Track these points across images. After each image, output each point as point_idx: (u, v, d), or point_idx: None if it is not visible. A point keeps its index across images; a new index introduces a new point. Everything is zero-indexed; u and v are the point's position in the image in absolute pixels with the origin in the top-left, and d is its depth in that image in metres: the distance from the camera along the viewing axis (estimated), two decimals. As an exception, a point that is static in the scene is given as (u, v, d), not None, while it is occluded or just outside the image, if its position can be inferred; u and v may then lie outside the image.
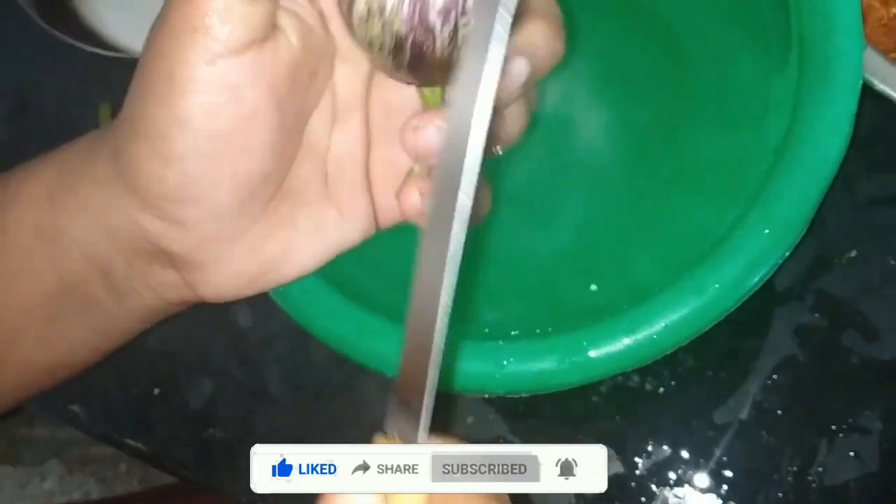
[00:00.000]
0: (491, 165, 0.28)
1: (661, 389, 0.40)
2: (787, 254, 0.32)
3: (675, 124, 0.40)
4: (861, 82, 0.32)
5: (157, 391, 0.46)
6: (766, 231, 0.31)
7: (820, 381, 0.39)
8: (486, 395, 0.41)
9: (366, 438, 0.36)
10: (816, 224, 0.40)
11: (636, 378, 0.40)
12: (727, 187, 0.37)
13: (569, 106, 0.43)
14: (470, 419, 0.42)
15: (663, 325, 0.31)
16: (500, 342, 0.34)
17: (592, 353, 0.32)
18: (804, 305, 0.40)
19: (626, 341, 0.32)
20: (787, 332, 0.39)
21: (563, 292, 0.39)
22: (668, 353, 0.32)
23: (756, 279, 0.31)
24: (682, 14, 0.40)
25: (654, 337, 0.32)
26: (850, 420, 0.38)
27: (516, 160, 0.42)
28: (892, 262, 0.39)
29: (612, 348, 0.32)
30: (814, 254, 0.40)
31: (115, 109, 0.50)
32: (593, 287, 0.38)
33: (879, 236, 0.40)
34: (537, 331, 0.34)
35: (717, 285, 0.31)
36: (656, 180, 0.40)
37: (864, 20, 0.37)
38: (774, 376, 0.39)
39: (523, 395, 0.37)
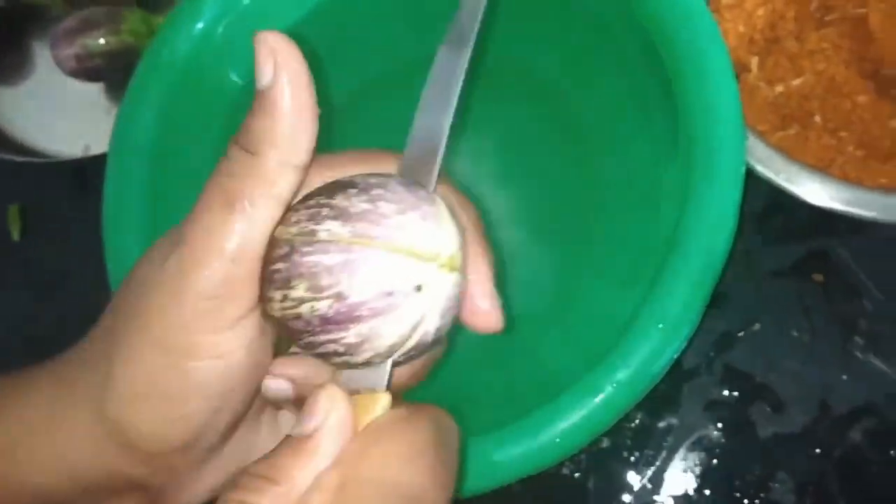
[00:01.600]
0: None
1: (577, 474, 0.40)
2: (684, 346, 0.32)
3: (580, 209, 0.41)
4: (743, 173, 0.32)
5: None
6: (660, 326, 0.32)
7: (732, 457, 0.39)
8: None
9: None
10: (719, 299, 0.41)
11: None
12: (630, 272, 0.38)
13: (476, 191, 0.43)
14: None
15: (564, 427, 0.32)
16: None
17: (497, 458, 0.32)
18: (713, 381, 0.40)
19: (530, 445, 0.32)
20: (698, 409, 0.40)
21: (477, 386, 0.39)
22: (573, 453, 0.32)
23: (652, 376, 0.32)
24: (584, 101, 0.41)
25: (557, 440, 0.32)
26: (763, 495, 0.39)
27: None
28: (795, 334, 0.40)
29: (515, 452, 0.32)
30: (719, 329, 0.41)
31: (24, 211, 0.50)
32: (507, 379, 0.38)
33: (780, 308, 0.40)
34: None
35: (614, 385, 0.31)
36: (562, 264, 0.40)
37: (751, 101, 0.38)
38: (688, 454, 0.40)
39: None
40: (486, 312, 0.24)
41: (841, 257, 0.40)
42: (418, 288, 0.20)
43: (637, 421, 0.40)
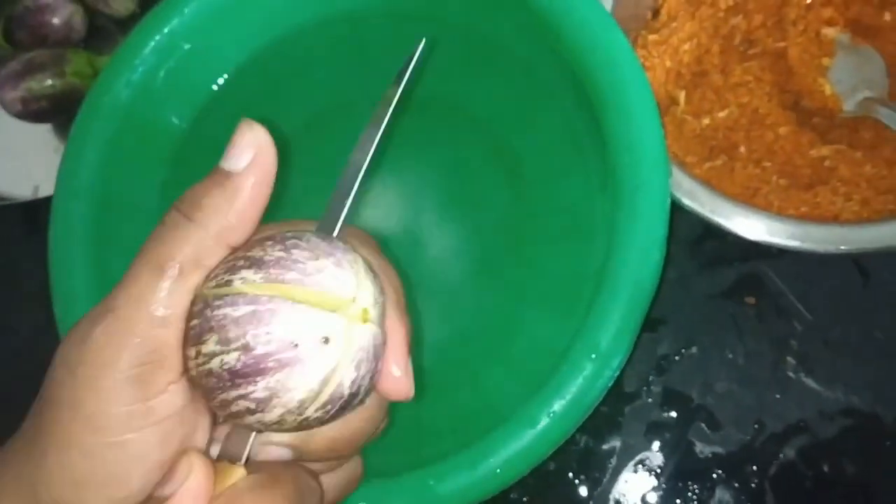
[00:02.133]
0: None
1: (526, 498, 0.41)
2: (616, 375, 0.33)
3: (518, 238, 0.42)
4: (668, 209, 0.34)
5: None
6: (592, 356, 0.33)
7: (674, 476, 0.41)
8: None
9: None
10: (656, 323, 0.42)
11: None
12: (566, 301, 0.39)
13: (418, 224, 0.44)
14: None
15: (503, 458, 0.33)
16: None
17: (440, 491, 0.33)
18: (653, 403, 0.41)
19: (471, 477, 0.33)
20: (640, 431, 0.41)
21: (423, 417, 0.40)
22: (515, 482, 0.33)
23: (587, 405, 0.33)
24: (521, 135, 0.42)
25: (498, 471, 0.33)
26: (703, 513, 0.40)
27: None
28: (730, 356, 0.41)
29: (456, 484, 0.33)
30: (658, 353, 0.42)
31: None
32: (452, 410, 0.39)
33: (715, 331, 0.42)
34: (391, 467, 0.35)
35: (551, 416, 0.33)
36: (504, 295, 0.41)
37: (679, 133, 0.40)
38: (631, 475, 0.41)
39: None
40: (396, 380, 0.23)
41: (771, 280, 0.42)
42: (325, 340, 0.20)
43: (582, 443, 0.41)
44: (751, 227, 0.35)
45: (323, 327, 0.20)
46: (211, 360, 0.21)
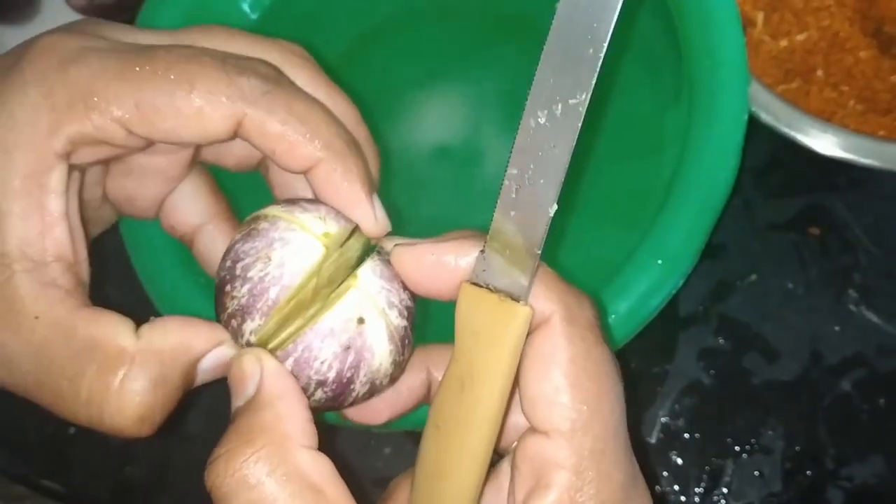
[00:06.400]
0: (401, 193, 0.28)
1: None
2: (681, 283, 0.33)
3: (581, 154, 0.41)
4: (746, 116, 0.33)
5: (72, 430, 0.45)
6: (659, 262, 0.32)
7: (724, 403, 0.40)
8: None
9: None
10: (717, 249, 0.42)
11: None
12: (629, 217, 0.38)
13: (477, 135, 0.43)
14: (387, 450, 0.42)
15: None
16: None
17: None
18: (708, 329, 0.41)
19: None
20: (692, 357, 0.41)
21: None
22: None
23: (650, 310, 0.32)
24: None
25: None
26: (754, 440, 0.39)
27: (428, 194, 0.43)
28: (790, 286, 0.41)
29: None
30: (715, 279, 0.41)
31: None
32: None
33: (777, 260, 0.41)
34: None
35: (613, 317, 0.32)
36: (564, 209, 0.41)
37: (755, 54, 0.39)
38: (681, 399, 0.40)
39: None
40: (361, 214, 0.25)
41: (837, 212, 0.41)
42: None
43: (632, 365, 0.41)
44: (830, 143, 0.34)
45: None
46: None
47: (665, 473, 0.40)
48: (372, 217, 0.25)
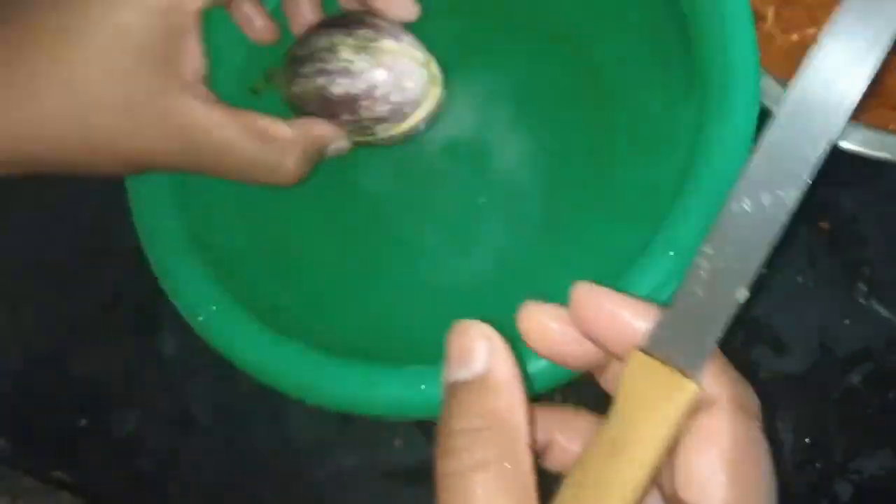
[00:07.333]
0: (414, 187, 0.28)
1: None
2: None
3: (592, 148, 0.41)
4: (758, 109, 0.33)
5: (82, 422, 0.45)
6: (671, 254, 0.33)
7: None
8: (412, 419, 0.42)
9: (293, 467, 0.35)
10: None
11: (559, 398, 0.41)
12: (640, 211, 0.38)
13: (490, 130, 0.43)
14: (398, 442, 0.42)
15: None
16: (421, 366, 0.34)
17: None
18: (717, 322, 0.41)
19: (538, 366, 0.33)
20: (702, 349, 0.41)
21: (486, 320, 0.39)
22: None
23: (661, 301, 0.32)
24: (600, 41, 0.42)
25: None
26: (763, 433, 0.39)
27: (440, 184, 0.43)
28: (800, 280, 0.41)
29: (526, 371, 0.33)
30: (725, 272, 0.41)
31: None
32: (511, 315, 0.39)
33: (787, 252, 0.41)
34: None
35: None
36: (574, 204, 0.41)
37: (766, 49, 0.39)
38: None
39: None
40: None
41: (847, 206, 0.41)
42: None
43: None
44: (844, 136, 0.35)
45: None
46: None
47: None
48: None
